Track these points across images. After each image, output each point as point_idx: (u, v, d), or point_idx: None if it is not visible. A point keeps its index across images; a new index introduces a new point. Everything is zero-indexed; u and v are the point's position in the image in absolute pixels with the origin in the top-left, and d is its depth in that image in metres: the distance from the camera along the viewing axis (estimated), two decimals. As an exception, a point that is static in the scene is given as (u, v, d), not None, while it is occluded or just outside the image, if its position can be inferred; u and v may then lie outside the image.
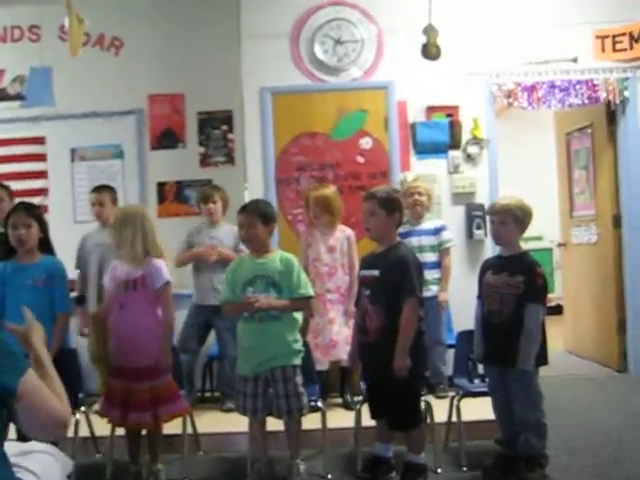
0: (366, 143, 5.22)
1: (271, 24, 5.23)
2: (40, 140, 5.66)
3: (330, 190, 4.62)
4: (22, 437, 3.30)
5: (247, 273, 3.56)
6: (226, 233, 4.82)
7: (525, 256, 3.58)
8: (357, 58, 5.20)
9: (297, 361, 3.56)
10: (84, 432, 3.90)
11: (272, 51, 5.19)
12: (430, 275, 4.59)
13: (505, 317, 3.44)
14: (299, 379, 3.54)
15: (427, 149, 5.22)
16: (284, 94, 5.18)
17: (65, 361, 3.60)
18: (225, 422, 4.43)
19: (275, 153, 5.17)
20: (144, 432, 3.70)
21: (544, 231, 7.90)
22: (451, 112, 5.22)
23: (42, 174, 5.65)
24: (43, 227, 3.71)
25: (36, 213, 3.71)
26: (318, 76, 5.21)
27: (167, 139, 5.55)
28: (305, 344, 3.77)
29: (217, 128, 5.48)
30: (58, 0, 5.28)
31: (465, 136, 5.26)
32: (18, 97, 5.74)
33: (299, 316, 3.66)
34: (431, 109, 5.24)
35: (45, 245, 3.74)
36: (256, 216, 3.53)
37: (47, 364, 1.90)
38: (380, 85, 5.22)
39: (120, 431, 3.74)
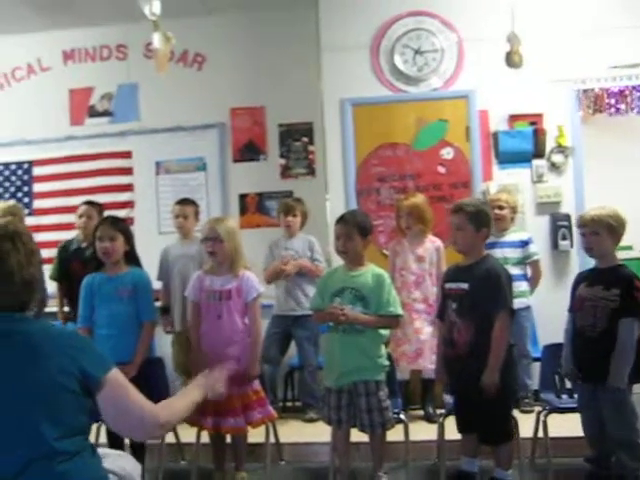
0: (447, 153, 5.16)
1: (350, 36, 5.24)
2: (127, 154, 5.87)
3: (421, 199, 4.60)
4: (112, 442, 3.44)
5: (337, 284, 3.55)
6: (302, 244, 4.87)
7: (622, 268, 3.41)
8: (437, 67, 5.15)
9: (380, 376, 3.52)
10: (170, 438, 3.98)
11: (352, 63, 5.19)
12: (514, 288, 4.50)
13: (598, 332, 3.30)
14: (383, 394, 3.49)
15: (510, 158, 5.11)
16: (364, 105, 5.18)
17: (152, 369, 3.72)
18: (307, 432, 4.46)
19: (356, 164, 5.17)
20: (228, 440, 3.75)
21: (634, 240, 7.58)
22: (534, 120, 5.10)
23: (128, 187, 5.85)
24: (129, 239, 3.81)
25: (122, 226, 3.82)
26: (398, 87, 5.19)
27: (249, 151, 5.66)
28: (389, 356, 3.73)
29: (298, 140, 5.55)
30: (144, 19, 5.48)
31: (549, 144, 5.13)
32: (106, 113, 5.98)
33: (385, 332, 3.64)
34: (514, 117, 5.14)
35: (131, 257, 3.84)
36: (354, 228, 3.50)
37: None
38: (461, 94, 5.15)
39: (205, 438, 3.81)
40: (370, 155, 5.17)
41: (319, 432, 4.29)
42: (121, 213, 5.58)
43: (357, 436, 3.64)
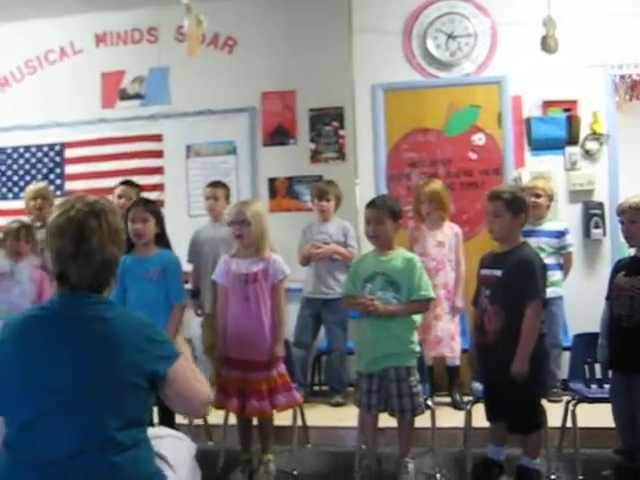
0: (479, 139, 5.11)
1: (382, 20, 5.20)
2: (157, 137, 5.89)
3: (441, 185, 4.58)
4: (163, 419, 3.49)
5: (368, 269, 3.54)
6: (336, 229, 4.87)
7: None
8: (470, 52, 5.10)
9: (412, 362, 3.51)
10: (198, 420, 4.00)
11: (383, 47, 5.17)
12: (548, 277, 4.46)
13: (634, 322, 3.27)
14: (414, 379, 3.49)
15: (543, 145, 5.05)
16: (396, 90, 5.15)
17: (180, 351, 3.74)
18: (334, 416, 4.48)
19: (386, 149, 5.15)
20: (255, 422, 3.78)
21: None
22: (569, 106, 5.03)
23: (159, 170, 5.88)
24: (160, 222, 3.83)
25: (153, 208, 3.84)
26: (430, 72, 5.15)
27: (279, 135, 5.65)
28: (419, 342, 3.72)
29: (328, 124, 5.52)
30: (175, 2, 5.48)
31: (584, 131, 5.06)
32: (137, 96, 6.00)
33: (417, 317, 3.63)
34: (547, 103, 5.07)
35: (161, 239, 3.86)
36: (385, 212, 3.49)
37: (188, 357, 2.03)
38: (494, 80, 5.10)
39: (232, 420, 3.84)
40: (401, 140, 5.15)
41: (345, 416, 4.32)
42: (151, 196, 5.62)
43: (384, 421, 3.65)
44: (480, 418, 3.60)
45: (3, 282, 3.87)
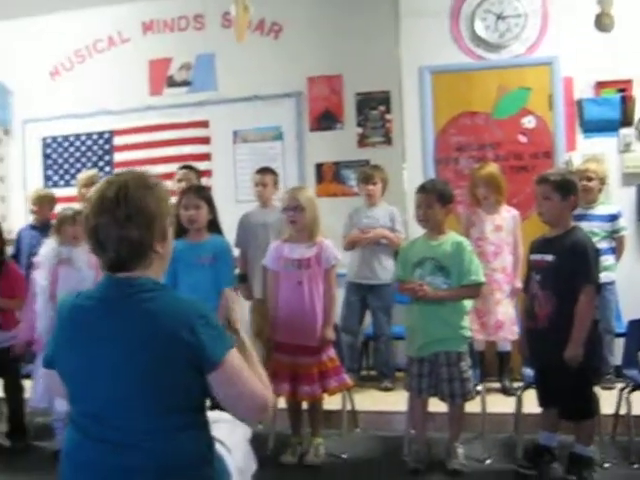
0: (529, 122, 5.01)
1: (430, 2, 5.14)
2: (204, 124, 5.93)
3: (496, 168, 4.51)
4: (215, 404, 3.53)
5: (417, 254, 3.54)
6: (383, 213, 4.84)
7: None
8: (520, 33, 4.99)
9: (462, 347, 3.50)
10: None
11: (431, 29, 5.10)
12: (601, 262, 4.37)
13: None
14: (464, 364, 3.47)
15: (595, 127, 4.93)
16: (443, 73, 5.09)
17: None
18: (382, 401, 4.49)
19: (434, 133, 5.09)
20: (305, 406, 3.81)
21: None
22: (623, 87, 4.89)
23: (206, 156, 5.92)
24: (212, 208, 3.87)
25: (206, 195, 3.87)
26: (478, 53, 5.06)
27: (325, 120, 5.64)
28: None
29: (375, 108, 5.49)
30: (222, -12, 5.52)
31: (639, 112, 4.92)
32: (184, 83, 6.05)
33: (468, 302, 3.60)
34: (600, 84, 4.94)
35: (213, 225, 3.89)
36: (434, 196, 3.48)
37: (248, 346, 1.95)
38: (544, 61, 4.99)
39: (281, 404, 3.87)
40: (449, 124, 5.08)
41: (394, 401, 4.33)
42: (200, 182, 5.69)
43: (433, 406, 3.65)
44: (531, 404, 3.57)
45: (62, 268, 3.94)
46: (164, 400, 1.72)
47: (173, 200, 1.96)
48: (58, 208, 5.70)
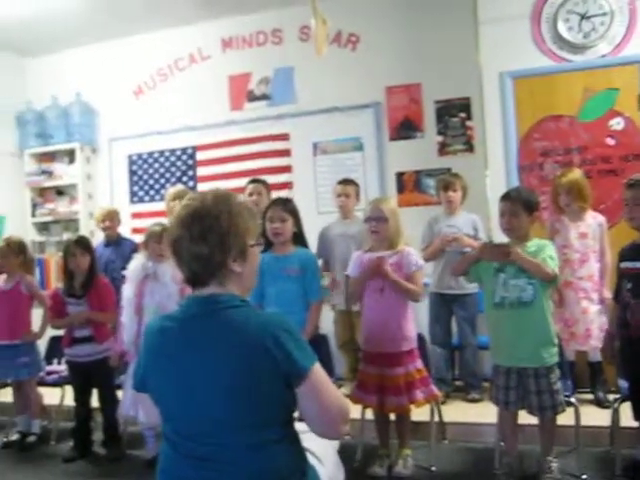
0: (617, 124, 4.84)
1: (509, 6, 5.03)
2: (285, 136, 6.01)
3: (579, 175, 4.38)
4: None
5: None
6: (465, 222, 4.77)
7: None
8: (606, 32, 4.82)
9: (551, 360, 3.38)
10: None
11: (511, 34, 4.98)
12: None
13: None
14: (554, 376, 3.37)
15: (688, 127, 4.73)
16: (525, 77, 4.96)
17: (317, 347, 3.79)
18: (470, 412, 4.42)
19: (517, 139, 4.98)
20: (392, 417, 3.78)
21: None
22: None
23: (287, 168, 6.00)
24: (297, 221, 3.90)
25: (291, 208, 3.90)
26: (562, 56, 4.92)
27: (405, 129, 5.62)
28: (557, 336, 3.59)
29: (455, 116, 5.45)
30: (298, 3, 5.60)
31: None
32: (264, 97, 6.15)
33: (551, 304, 3.50)
34: (692, 82, 4.74)
35: (299, 238, 3.92)
36: (520, 204, 3.41)
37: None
38: (633, 60, 4.78)
39: (369, 414, 3.86)
40: (532, 129, 4.96)
41: (483, 412, 4.25)
42: (280, 194, 5.75)
43: (524, 418, 3.55)
44: (628, 417, 3.45)
45: (148, 283, 4.05)
46: (254, 415, 1.73)
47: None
48: (144, 223, 5.91)
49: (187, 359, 1.76)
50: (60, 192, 6.85)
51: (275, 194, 5.39)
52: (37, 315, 4.72)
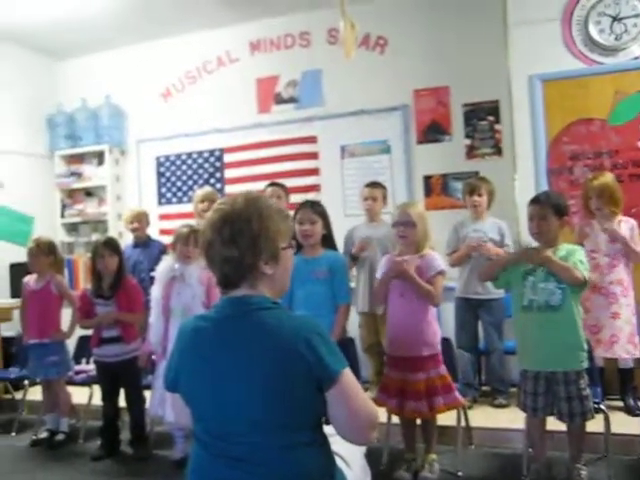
0: (650, 127, 4.77)
1: (539, 9, 4.97)
2: (312, 139, 6.03)
3: (611, 178, 4.32)
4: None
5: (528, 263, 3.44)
6: (491, 227, 4.73)
7: None
8: (638, 34, 4.75)
9: (580, 364, 3.34)
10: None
11: (541, 36, 4.93)
12: None
13: None
14: (583, 382, 3.33)
15: None
16: (555, 80, 4.90)
17: (345, 350, 3.78)
18: (497, 417, 4.39)
19: (546, 142, 4.93)
20: (419, 422, 3.76)
21: None
22: None
23: (314, 171, 6.01)
24: (326, 223, 3.90)
25: (321, 210, 3.91)
26: (593, 58, 4.86)
27: (433, 132, 5.61)
28: (587, 342, 3.54)
29: (483, 119, 5.42)
30: (326, 5, 5.61)
31: None
32: (292, 100, 6.17)
33: (580, 309, 3.46)
34: None
35: (328, 240, 3.92)
36: (549, 208, 3.37)
37: None
38: (666, 62, 4.73)
39: (396, 419, 3.85)
40: (561, 132, 4.90)
41: (510, 418, 4.23)
42: (308, 197, 5.75)
43: (552, 424, 3.52)
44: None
45: (175, 284, 4.08)
46: (287, 416, 1.73)
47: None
48: (171, 225, 5.95)
49: (221, 359, 1.77)
50: (89, 193, 6.94)
51: (302, 197, 5.40)
52: (66, 315, 4.78)
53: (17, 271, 5.98)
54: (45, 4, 5.61)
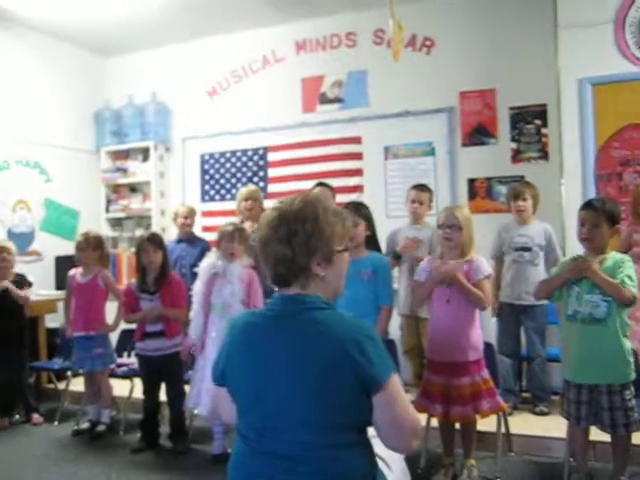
0: (703, 132, 4.66)
1: (591, 11, 4.89)
2: (356, 139, 6.02)
3: None
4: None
5: None
6: (537, 231, 4.66)
7: None
8: (694, 39, 4.65)
9: (625, 378, 3.27)
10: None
11: (592, 39, 4.84)
12: None
13: None
14: (628, 392, 3.25)
15: None
16: (606, 84, 4.81)
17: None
18: (538, 425, 4.32)
19: (595, 147, 4.84)
20: (457, 426, 3.73)
21: None
22: None
23: (358, 172, 6.00)
24: (370, 225, 3.89)
25: (365, 212, 3.89)
26: (646, 61, 4.76)
27: (478, 135, 5.56)
28: (634, 352, 3.47)
29: (530, 123, 5.35)
30: (372, 6, 5.61)
31: None
32: (336, 100, 6.16)
33: (627, 319, 3.39)
34: None
35: (372, 241, 3.91)
36: (602, 215, 3.30)
37: None
38: None
39: (433, 423, 3.82)
40: (612, 137, 4.81)
41: (551, 426, 4.18)
42: (351, 197, 5.76)
43: (597, 434, 3.44)
44: None
45: (217, 281, 4.12)
46: (334, 417, 1.73)
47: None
48: (214, 222, 6.01)
49: (270, 355, 1.78)
50: (133, 189, 7.03)
51: (345, 197, 5.42)
52: (111, 308, 4.85)
53: (62, 264, 6.11)
54: (95, 3, 5.70)
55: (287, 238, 1.79)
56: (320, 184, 5.17)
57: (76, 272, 4.85)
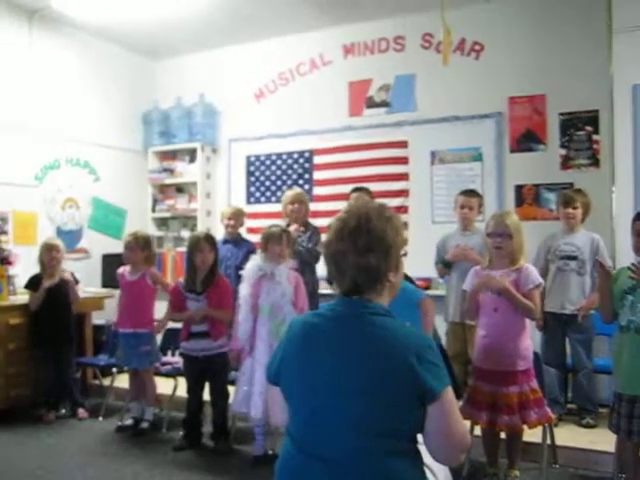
0: None
1: (647, 16, 4.81)
2: (403, 144, 5.99)
3: None
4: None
5: (627, 281, 3.30)
6: (584, 240, 4.58)
7: None
8: None
9: None
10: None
11: (648, 45, 4.76)
12: None
13: None
14: (681, 407, 3.17)
15: None
16: (661, 90, 4.73)
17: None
18: (584, 437, 4.23)
19: (648, 155, 4.75)
20: (502, 436, 3.68)
21: None
22: None
23: (403, 176, 5.96)
24: None
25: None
26: (703, 68, 4.66)
27: (527, 141, 5.47)
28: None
29: (581, 129, 5.25)
30: (421, 10, 5.58)
31: None
32: (383, 104, 6.14)
33: None
34: None
35: None
36: None
37: None
38: None
39: (477, 430, 3.78)
40: (666, 145, 4.72)
41: (597, 439, 4.09)
42: (396, 201, 5.74)
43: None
44: None
45: (264, 283, 4.14)
46: (388, 424, 1.71)
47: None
48: (259, 223, 6.03)
49: (327, 358, 1.78)
50: (180, 189, 7.11)
51: (391, 202, 5.39)
52: (159, 306, 4.92)
53: (109, 262, 6.21)
54: (144, 6, 5.79)
55: (369, 247, 1.80)
56: (357, 189, 5.17)
57: (124, 270, 4.93)
